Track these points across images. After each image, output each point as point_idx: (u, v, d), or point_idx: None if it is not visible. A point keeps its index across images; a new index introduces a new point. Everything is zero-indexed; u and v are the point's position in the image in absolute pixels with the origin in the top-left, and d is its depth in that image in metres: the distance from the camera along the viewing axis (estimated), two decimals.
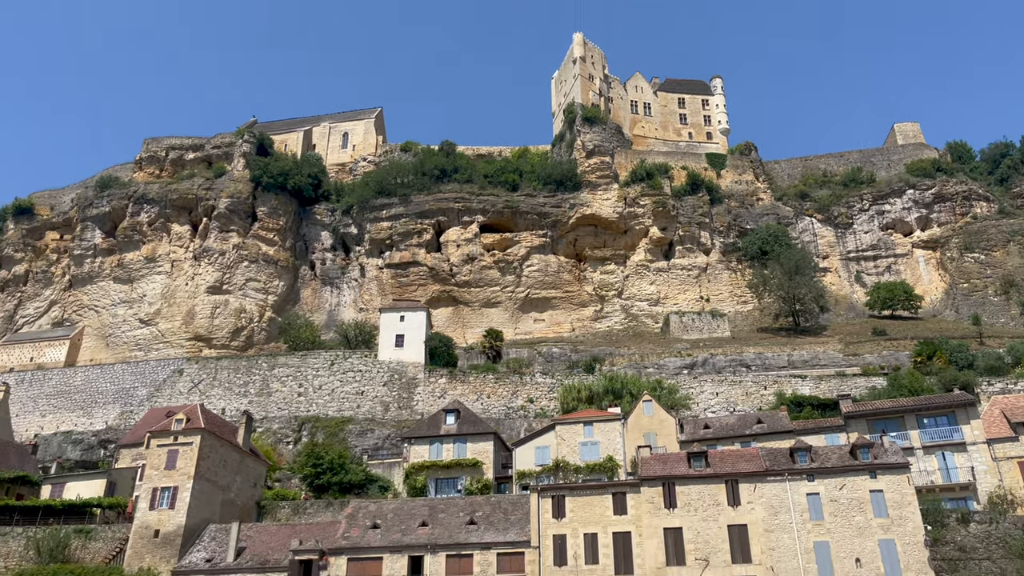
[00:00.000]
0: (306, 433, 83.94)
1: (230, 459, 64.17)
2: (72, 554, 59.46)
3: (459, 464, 67.69)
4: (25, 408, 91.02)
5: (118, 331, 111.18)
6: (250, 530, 59.06)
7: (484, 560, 52.53)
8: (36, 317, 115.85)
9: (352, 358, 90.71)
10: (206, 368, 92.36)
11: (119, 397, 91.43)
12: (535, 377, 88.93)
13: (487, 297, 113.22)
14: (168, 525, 57.94)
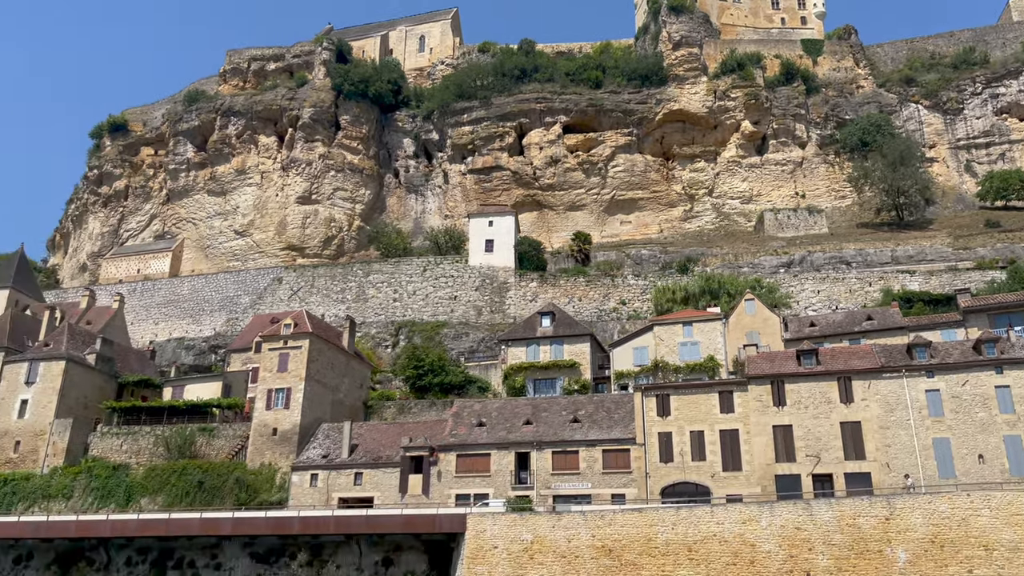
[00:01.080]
0: (403, 337, 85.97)
1: (337, 361, 66.42)
2: (198, 450, 63.40)
3: (556, 365, 68.37)
4: (139, 317, 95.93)
5: (215, 242, 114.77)
6: (360, 428, 61.55)
7: (590, 456, 53.44)
8: (139, 231, 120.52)
9: (444, 264, 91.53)
10: (304, 276, 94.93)
11: (224, 305, 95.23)
12: (627, 279, 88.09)
13: (572, 200, 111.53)
14: (284, 424, 60.88)
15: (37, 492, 60.86)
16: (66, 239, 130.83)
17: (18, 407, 66.58)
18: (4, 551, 54.22)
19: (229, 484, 58.35)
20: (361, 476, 56.80)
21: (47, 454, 64.34)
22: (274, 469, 59.31)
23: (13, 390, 67.10)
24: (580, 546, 42.80)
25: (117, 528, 50.86)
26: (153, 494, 59.48)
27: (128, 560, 52.65)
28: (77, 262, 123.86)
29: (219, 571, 51.11)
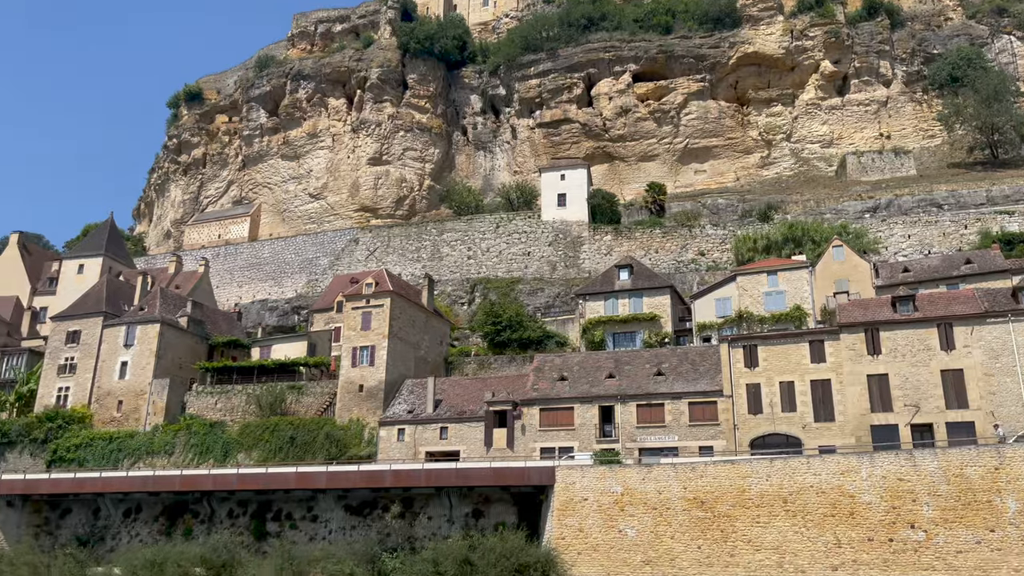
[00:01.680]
0: (478, 294, 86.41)
1: (417, 319, 67.19)
2: (288, 408, 65.32)
3: (636, 318, 67.61)
4: (223, 280, 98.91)
5: (291, 206, 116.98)
6: (443, 384, 62.33)
7: (676, 409, 52.94)
8: (217, 197, 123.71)
9: (516, 220, 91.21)
10: (379, 236, 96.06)
11: (304, 267, 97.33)
12: (704, 229, 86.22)
13: (643, 151, 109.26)
14: (370, 380, 62.10)
15: (141, 449, 63.84)
16: (150, 208, 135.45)
17: (118, 369, 69.64)
18: (115, 504, 57.25)
19: (320, 439, 60.03)
20: (446, 430, 57.68)
21: (148, 413, 67.31)
22: (362, 424, 60.73)
23: (113, 353, 70.17)
24: (671, 498, 42.61)
25: (219, 482, 53.07)
26: (248, 449, 61.72)
27: (230, 512, 55.00)
28: (162, 229, 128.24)
29: (315, 523, 52.92)
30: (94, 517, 57.91)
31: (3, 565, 53.14)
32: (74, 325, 72.48)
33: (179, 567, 49.46)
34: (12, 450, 66.89)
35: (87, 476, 56.44)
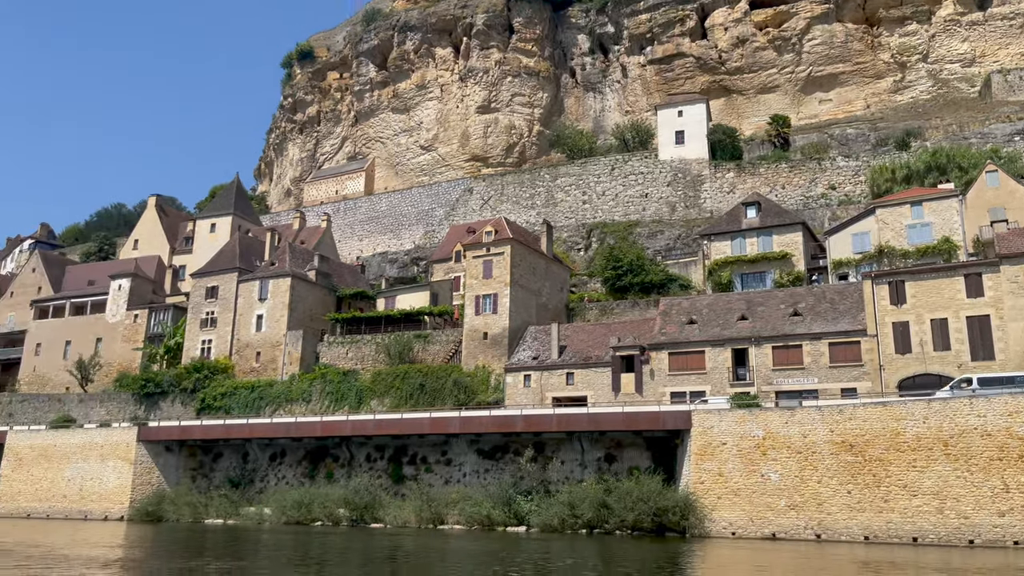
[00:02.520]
0: (595, 239, 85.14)
1: (538, 266, 66.79)
2: (415, 356, 66.71)
3: (765, 258, 64.79)
4: (344, 234, 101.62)
5: (403, 159, 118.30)
6: (567, 330, 61.93)
7: (815, 351, 50.57)
8: (333, 153, 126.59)
9: (632, 161, 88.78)
10: (493, 185, 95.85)
11: (420, 218, 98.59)
12: (835, 161, 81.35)
13: (763, 82, 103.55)
14: (494, 328, 62.42)
15: (280, 397, 66.94)
16: (270, 167, 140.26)
17: (255, 322, 72.94)
18: (262, 449, 60.38)
19: (448, 386, 61.10)
20: (573, 376, 57.44)
21: (284, 363, 70.34)
22: (488, 371, 61.33)
23: (249, 306, 73.47)
24: (817, 441, 40.81)
25: (357, 428, 54.93)
26: (380, 396, 63.62)
27: (368, 456, 57.00)
28: (282, 188, 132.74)
29: (450, 466, 54.10)
30: (243, 461, 61.36)
31: (167, 504, 57.20)
32: (212, 281, 76.18)
33: (324, 507, 51.86)
34: (165, 399, 71.62)
35: (235, 423, 59.63)
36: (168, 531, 48.59)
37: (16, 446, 64.50)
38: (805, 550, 36.46)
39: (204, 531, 49.10)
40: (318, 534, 45.10)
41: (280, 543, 40.03)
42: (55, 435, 64.44)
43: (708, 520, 41.75)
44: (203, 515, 55.98)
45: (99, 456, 61.35)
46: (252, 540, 41.87)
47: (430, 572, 27.74)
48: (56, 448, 63.31)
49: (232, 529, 50.00)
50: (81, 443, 62.63)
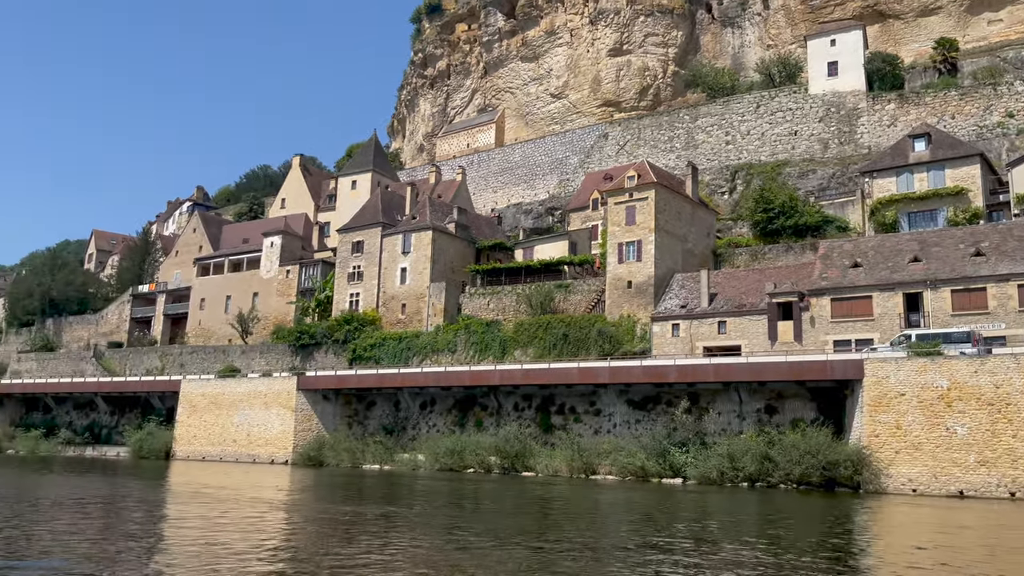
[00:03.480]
0: (739, 182, 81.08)
1: (683, 210, 64.19)
2: (556, 306, 66.07)
3: (937, 194, 59.31)
4: (479, 187, 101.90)
5: (533, 108, 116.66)
6: (716, 276, 59.35)
7: (1001, 293, 45.87)
8: (463, 107, 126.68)
9: (779, 96, 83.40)
10: (629, 129, 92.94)
11: (554, 167, 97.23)
12: (1012, 86, 73.08)
13: (922, 4, 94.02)
14: (638, 276, 60.68)
15: (427, 347, 68.27)
16: (402, 124, 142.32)
17: (399, 275, 74.47)
18: (412, 397, 61.91)
19: (592, 336, 60.18)
20: (724, 324, 55.04)
21: (428, 314, 71.60)
22: (633, 320, 59.87)
23: (393, 260, 75.02)
24: (1012, 392, 37.04)
25: (505, 377, 55.11)
26: (524, 346, 63.59)
27: (515, 405, 57.23)
28: (415, 144, 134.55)
29: (599, 417, 53.45)
30: (395, 409, 63.22)
31: (327, 450, 59.86)
32: (357, 236, 78.23)
33: (476, 455, 52.56)
34: (318, 350, 74.71)
35: (387, 372, 61.33)
36: (330, 475, 50.71)
37: (190, 394, 69.28)
38: (998, 509, 33.40)
39: (363, 476, 50.95)
40: (471, 481, 45.75)
41: (438, 489, 40.74)
42: (223, 384, 68.69)
43: (884, 475, 39.04)
44: (361, 461, 58.20)
45: (263, 404, 64.89)
46: (409, 485, 42.89)
47: (606, 520, 27.14)
48: (224, 396, 67.50)
49: (388, 475, 51.64)
50: (246, 391, 66.44)
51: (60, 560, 16.53)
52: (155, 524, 24.43)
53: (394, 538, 21.51)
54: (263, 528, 23.90)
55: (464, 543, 20.52)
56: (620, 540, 22.24)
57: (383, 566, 16.91)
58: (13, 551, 17.86)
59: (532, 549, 19.75)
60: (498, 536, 22.48)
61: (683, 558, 19.06)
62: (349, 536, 21.55)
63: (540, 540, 21.61)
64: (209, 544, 19.58)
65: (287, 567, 16.70)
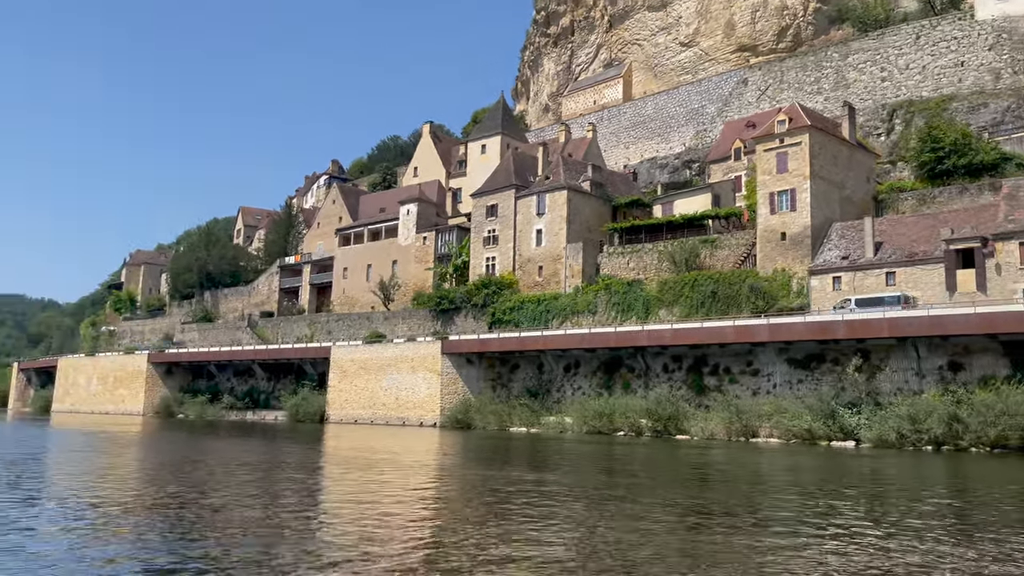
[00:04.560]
0: (898, 121, 74.48)
1: (840, 154, 59.52)
2: (702, 262, 63.13)
3: None
4: (609, 143, 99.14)
5: (662, 59, 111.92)
6: (880, 224, 54.70)
7: None
8: (588, 63, 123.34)
9: (942, 25, 75.64)
10: (770, 73, 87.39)
11: (690, 118, 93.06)
12: None
13: None
14: (793, 227, 56.87)
15: (566, 309, 67.15)
16: (526, 86, 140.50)
17: (534, 236, 73.52)
18: (556, 360, 61.10)
19: (743, 292, 57.10)
20: (893, 276, 50.64)
21: (566, 276, 70.36)
22: (788, 275, 56.28)
23: (528, 222, 74.09)
24: None
25: (653, 338, 53.20)
26: (669, 305, 61.25)
27: (664, 367, 55.28)
28: (540, 104, 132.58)
29: (756, 377, 50.70)
30: (539, 371, 62.66)
31: (473, 412, 60.19)
32: (491, 200, 77.78)
33: (627, 418, 51.18)
34: (458, 314, 75.20)
35: (530, 335, 60.75)
36: (478, 438, 50.74)
37: (340, 359, 71.50)
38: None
39: (510, 439, 50.67)
40: (623, 444, 44.39)
41: (590, 453, 39.61)
42: (370, 349, 70.42)
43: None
44: (507, 423, 58.13)
45: (410, 368, 66.00)
46: (560, 449, 42.01)
47: (810, 490, 25.09)
48: (372, 361, 69.19)
49: (535, 437, 51.12)
50: (393, 356, 67.79)
51: (229, 530, 16.50)
52: (315, 490, 24.57)
53: (560, 505, 20.46)
54: (422, 494, 23.52)
55: (658, 521, 19.06)
56: (858, 514, 19.17)
57: (557, 537, 15.81)
58: (199, 517, 18.08)
59: (746, 534, 16.63)
60: (697, 509, 20.96)
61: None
62: (508, 502, 20.69)
63: (748, 514, 19.73)
64: (367, 510, 19.29)
65: (446, 536, 15.91)
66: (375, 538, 15.34)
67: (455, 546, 14.69)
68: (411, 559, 13.40)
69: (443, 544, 14.94)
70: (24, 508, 18.68)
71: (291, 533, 15.94)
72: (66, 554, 13.36)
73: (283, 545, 14.50)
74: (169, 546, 14.18)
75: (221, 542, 14.73)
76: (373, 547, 14.32)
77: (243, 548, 14.09)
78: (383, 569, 12.51)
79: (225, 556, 13.41)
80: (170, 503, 19.82)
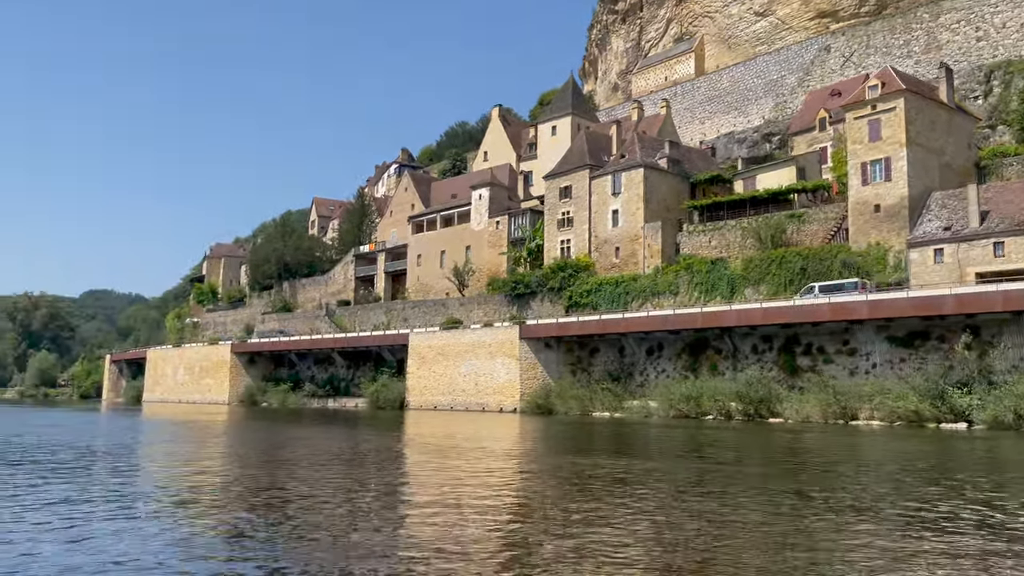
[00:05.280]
0: (996, 82, 69.90)
1: (938, 119, 56.00)
2: (789, 238, 60.55)
3: None
4: (684, 119, 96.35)
5: (736, 31, 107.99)
6: (986, 192, 51.25)
7: None
8: (658, 39, 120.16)
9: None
10: (855, 38, 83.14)
11: (768, 90, 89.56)
12: None
13: None
14: (888, 198, 53.84)
15: (646, 290, 65.46)
16: (594, 65, 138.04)
17: (610, 217, 71.87)
18: (637, 343, 59.62)
19: (834, 268, 54.43)
20: (1002, 246, 47.41)
21: (644, 256, 68.59)
22: (883, 248, 53.36)
23: (603, 202, 72.49)
24: None
25: (742, 317, 51.19)
26: (755, 284, 58.97)
27: (753, 348, 53.22)
28: (608, 84, 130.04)
29: (853, 356, 48.26)
30: (620, 355, 61.29)
31: (554, 398, 59.27)
32: (564, 181, 76.40)
33: (715, 401, 49.45)
34: (534, 299, 74.30)
35: (611, 318, 59.36)
36: (561, 423, 49.75)
37: (418, 346, 71.55)
38: None
39: (594, 424, 49.53)
40: (713, 428, 42.71)
41: (681, 437, 38.12)
42: (447, 335, 70.23)
43: None
44: (590, 408, 57.03)
45: (488, 353, 65.49)
46: (648, 434, 40.64)
47: (924, 471, 23.23)
48: (450, 347, 68.96)
49: (620, 422, 49.84)
50: (470, 342, 67.39)
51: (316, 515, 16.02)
52: (400, 477, 24.00)
53: (656, 493, 19.25)
54: (505, 481, 22.64)
55: (806, 528, 17.68)
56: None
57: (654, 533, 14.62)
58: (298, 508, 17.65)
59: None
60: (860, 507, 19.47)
61: None
62: (606, 489, 19.59)
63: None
64: (451, 499, 18.51)
65: (532, 528, 14.89)
66: (464, 534, 14.46)
67: (544, 535, 13.70)
68: (496, 553, 12.51)
69: (530, 539, 13.93)
70: (122, 499, 18.56)
71: (377, 522, 15.29)
72: (163, 547, 12.92)
73: (365, 533, 13.85)
74: (266, 535, 13.64)
75: (312, 534, 14.11)
76: (458, 546, 13.41)
77: (324, 548, 13.39)
78: (467, 561, 11.70)
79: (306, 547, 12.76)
80: (268, 494, 19.45)
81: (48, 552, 12.21)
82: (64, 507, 16.68)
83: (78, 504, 17.14)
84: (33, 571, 11.06)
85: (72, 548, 12.54)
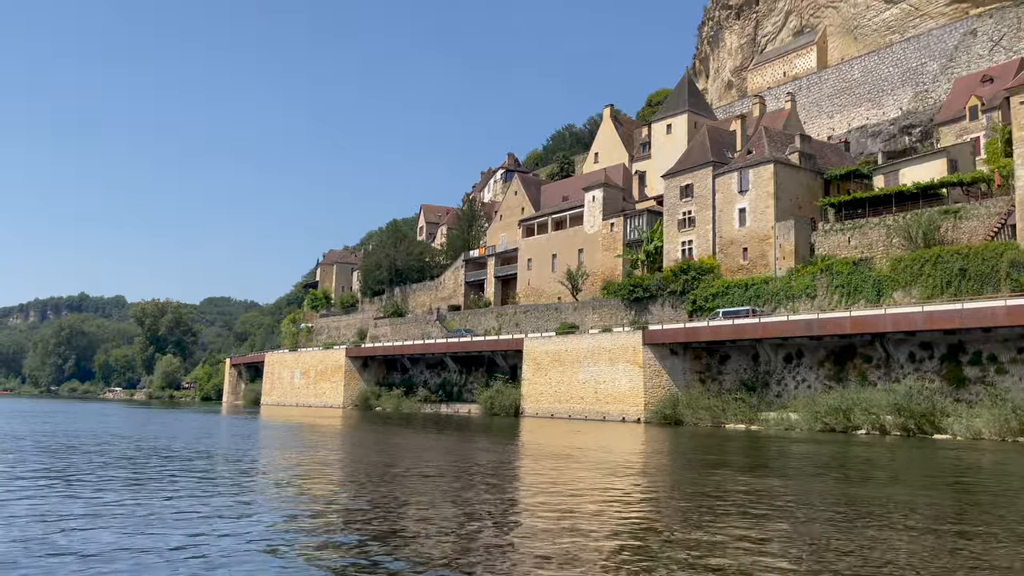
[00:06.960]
0: None
1: None
2: (942, 236, 55.23)
3: None
4: (809, 114, 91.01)
5: (862, 20, 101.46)
6: None
7: None
8: (775, 33, 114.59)
9: None
10: (1004, 20, 76.10)
11: (906, 79, 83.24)
12: None
13: None
14: None
15: (779, 294, 61.18)
16: (705, 63, 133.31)
17: (736, 216, 67.93)
18: (774, 350, 55.61)
19: (1001, 268, 48.96)
20: None
21: (776, 257, 64.30)
22: None
23: (728, 201, 68.61)
24: None
25: (899, 322, 46.62)
26: (905, 287, 53.90)
27: (911, 356, 48.45)
28: (722, 81, 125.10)
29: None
30: (754, 363, 57.41)
31: (682, 407, 55.95)
32: (684, 180, 72.91)
33: (869, 414, 45.09)
34: (654, 303, 70.99)
35: (745, 323, 55.59)
36: (691, 436, 46.46)
37: (533, 352, 69.53)
38: None
39: (727, 437, 46.01)
40: (865, 444, 38.57)
41: (836, 455, 34.27)
42: (563, 341, 67.88)
43: None
44: (722, 419, 53.47)
45: (608, 360, 62.74)
46: (792, 451, 36.90)
47: None
48: (567, 353, 66.59)
49: (757, 435, 46.15)
50: (589, 348, 64.81)
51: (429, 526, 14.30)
52: (515, 491, 21.78)
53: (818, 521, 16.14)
54: (628, 498, 20.02)
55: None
56: None
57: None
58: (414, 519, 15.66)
59: None
60: None
61: None
62: (762, 517, 16.64)
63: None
64: (567, 516, 16.30)
65: (657, 547, 12.29)
66: (578, 557, 12.03)
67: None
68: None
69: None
70: (240, 508, 17.09)
71: (483, 539, 13.15)
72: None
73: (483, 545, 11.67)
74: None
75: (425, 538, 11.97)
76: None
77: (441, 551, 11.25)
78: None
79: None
80: (387, 515, 17.60)
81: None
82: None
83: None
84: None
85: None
